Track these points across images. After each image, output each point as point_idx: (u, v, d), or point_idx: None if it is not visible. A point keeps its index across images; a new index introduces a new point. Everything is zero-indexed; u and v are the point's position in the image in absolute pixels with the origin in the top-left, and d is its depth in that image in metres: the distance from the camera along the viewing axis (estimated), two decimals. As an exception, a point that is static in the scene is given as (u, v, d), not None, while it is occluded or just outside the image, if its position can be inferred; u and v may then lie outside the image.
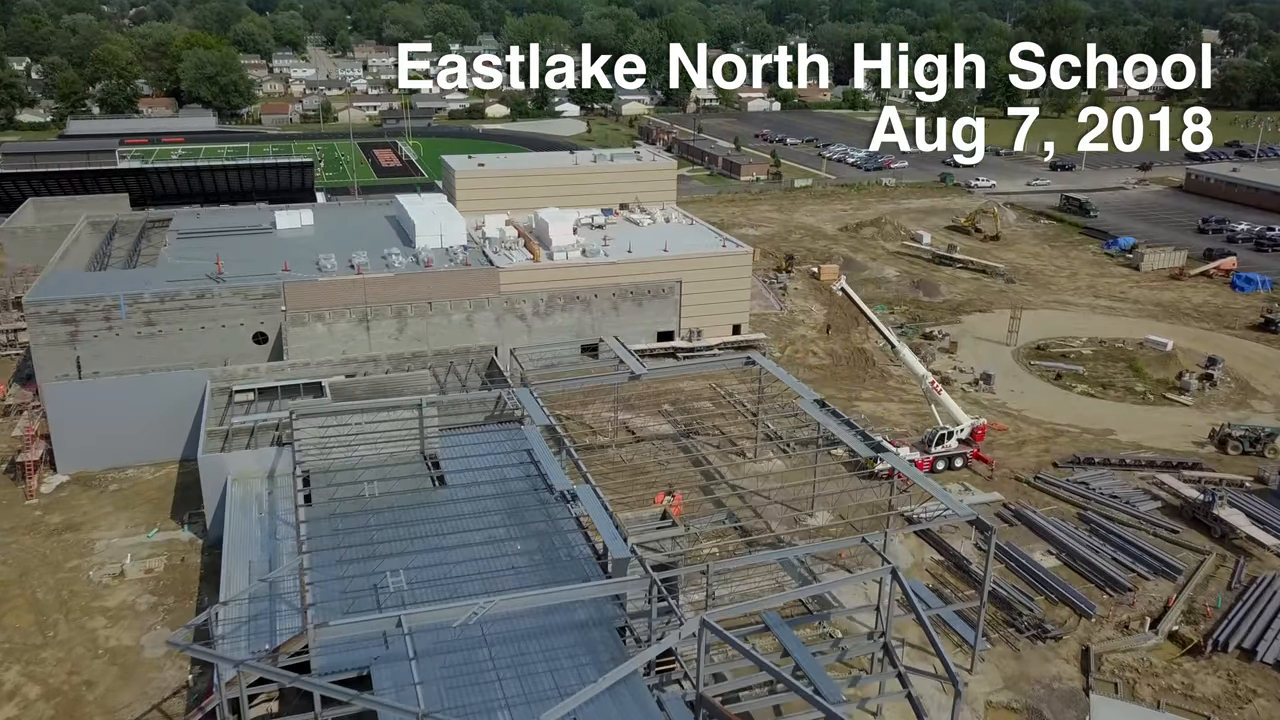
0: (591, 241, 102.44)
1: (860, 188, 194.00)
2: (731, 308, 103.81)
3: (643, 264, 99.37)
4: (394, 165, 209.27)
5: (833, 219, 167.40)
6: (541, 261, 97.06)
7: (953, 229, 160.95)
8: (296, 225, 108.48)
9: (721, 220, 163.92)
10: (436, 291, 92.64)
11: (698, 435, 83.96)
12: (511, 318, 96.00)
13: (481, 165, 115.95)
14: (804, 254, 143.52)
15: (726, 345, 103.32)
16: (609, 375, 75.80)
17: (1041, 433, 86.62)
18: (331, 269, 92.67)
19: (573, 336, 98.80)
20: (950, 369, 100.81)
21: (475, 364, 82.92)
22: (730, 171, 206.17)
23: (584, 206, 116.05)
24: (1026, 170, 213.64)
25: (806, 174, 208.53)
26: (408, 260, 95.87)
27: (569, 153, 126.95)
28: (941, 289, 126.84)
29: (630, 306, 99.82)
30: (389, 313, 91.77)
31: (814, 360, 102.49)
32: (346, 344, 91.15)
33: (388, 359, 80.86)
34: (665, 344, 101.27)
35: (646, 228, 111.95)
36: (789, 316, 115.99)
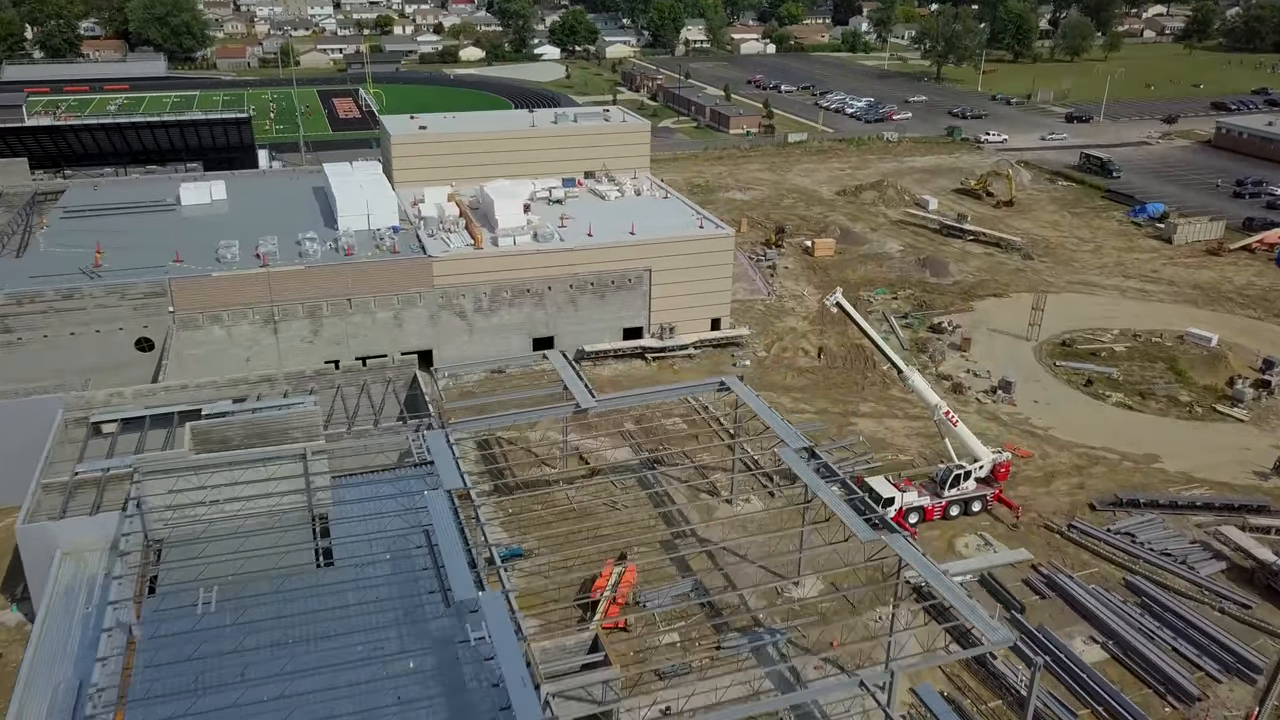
0: (545, 222, 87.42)
1: (860, 143, 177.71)
2: (710, 299, 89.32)
3: (605, 250, 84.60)
4: (353, 117, 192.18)
5: (829, 179, 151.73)
6: (485, 248, 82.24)
7: (962, 192, 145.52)
8: (205, 201, 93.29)
9: (707, 181, 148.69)
10: (358, 286, 78.08)
11: (664, 465, 70.17)
12: (449, 315, 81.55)
13: (423, 129, 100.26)
14: (796, 224, 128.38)
15: (704, 343, 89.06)
16: (550, 406, 61.68)
17: (1073, 459, 72.90)
18: (233, 260, 77.86)
19: (524, 336, 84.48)
20: (963, 373, 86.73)
21: (394, 383, 68.67)
22: (718, 124, 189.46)
23: (543, 176, 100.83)
24: (1040, 122, 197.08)
25: (802, 126, 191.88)
26: (324, 248, 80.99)
27: (528, 111, 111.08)
28: (951, 267, 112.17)
29: (591, 300, 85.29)
30: (300, 312, 77.37)
31: (805, 360, 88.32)
32: (250, 350, 76.93)
33: (285, 379, 66.60)
34: (632, 343, 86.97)
35: (613, 202, 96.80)
36: (778, 304, 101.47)
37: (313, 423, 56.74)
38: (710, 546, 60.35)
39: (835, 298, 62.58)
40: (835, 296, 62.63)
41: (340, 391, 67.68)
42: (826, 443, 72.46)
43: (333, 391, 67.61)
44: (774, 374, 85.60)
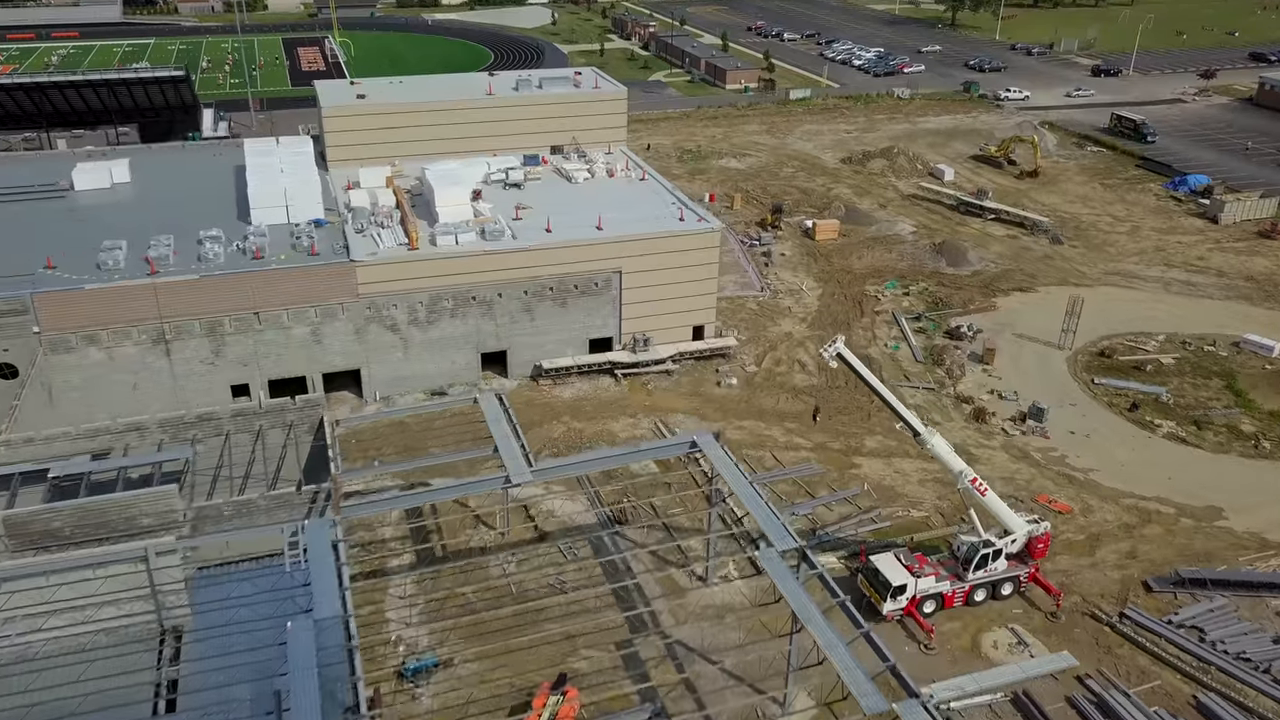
0: (497, 215, 74.11)
1: (868, 100, 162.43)
2: (692, 304, 76.40)
3: (567, 249, 71.46)
4: (317, 69, 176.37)
5: (834, 145, 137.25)
6: (421, 248, 69.12)
7: (981, 159, 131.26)
8: (103, 185, 79.83)
9: (699, 146, 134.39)
10: (265, 297, 65.25)
11: (629, 528, 57.99)
12: (378, 329, 68.81)
13: (362, 98, 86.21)
14: (796, 199, 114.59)
15: (685, 356, 76.36)
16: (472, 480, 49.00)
17: (1121, 515, 60.63)
18: (116, 265, 64.92)
19: (470, 351, 71.84)
20: (985, 393, 74.07)
21: (296, 427, 56.23)
22: (714, 78, 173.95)
23: (504, 151, 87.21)
24: (1064, 76, 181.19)
25: (805, 80, 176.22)
26: (229, 249, 67.92)
27: (488, 74, 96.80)
28: (970, 255, 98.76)
29: (550, 308, 72.41)
30: (197, 329, 64.65)
31: (802, 378, 75.57)
32: (138, 375, 64.47)
33: (159, 426, 54.16)
34: (599, 357, 74.31)
35: (581, 185, 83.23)
36: (772, 302, 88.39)
37: (168, 507, 44.54)
38: (679, 651, 48.45)
39: (835, 348, 49.68)
40: (835, 346, 49.73)
41: (229, 440, 55.30)
42: (825, 494, 60.52)
43: (220, 439, 55.26)
44: (765, 395, 73.01)
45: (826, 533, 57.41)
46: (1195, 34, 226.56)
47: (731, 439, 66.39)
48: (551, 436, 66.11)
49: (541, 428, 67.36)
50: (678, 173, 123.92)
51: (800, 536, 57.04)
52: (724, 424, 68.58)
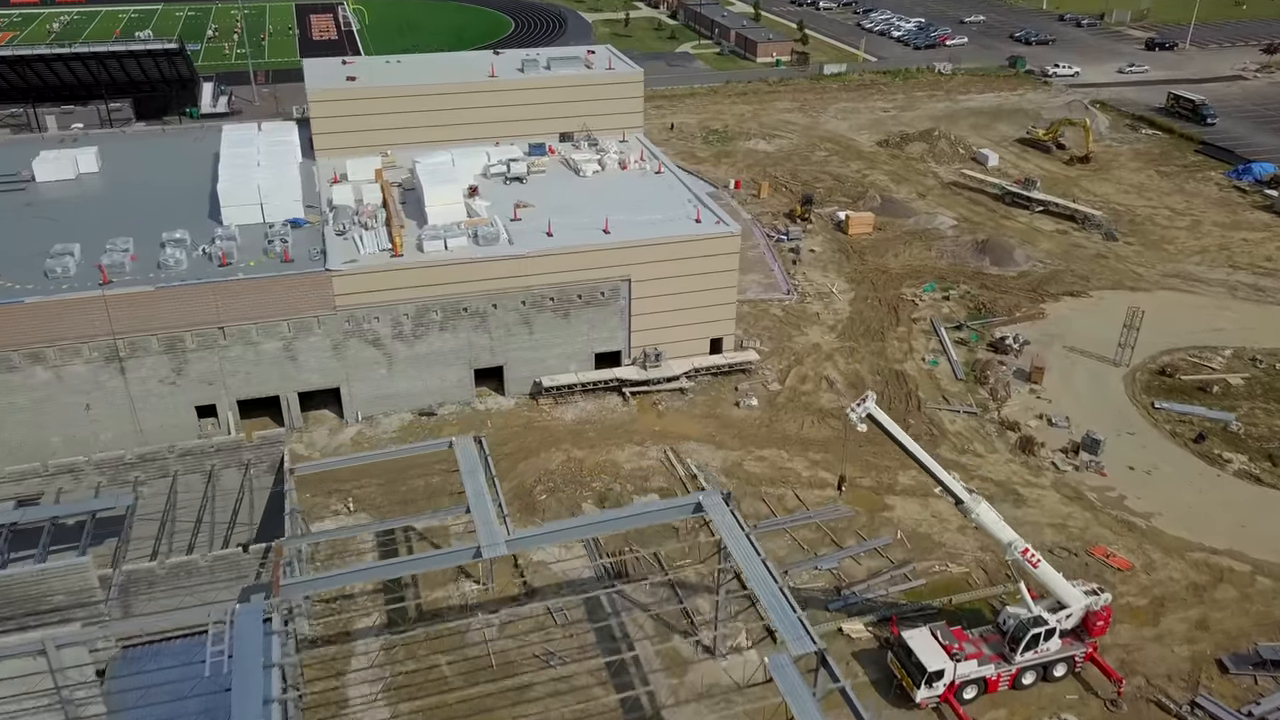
0: (493, 216, 67.08)
1: (908, 75, 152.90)
2: (709, 315, 69.24)
3: (570, 256, 64.40)
4: (329, 38, 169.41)
5: (870, 125, 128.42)
6: (405, 255, 62.33)
7: (1027, 143, 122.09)
8: (68, 176, 73.67)
9: (726, 126, 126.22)
10: (230, 310, 58.90)
11: (630, 584, 51.33)
12: (359, 344, 62.34)
13: (353, 79, 79.10)
14: (828, 187, 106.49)
15: (701, 372, 69.33)
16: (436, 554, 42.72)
17: (1189, 573, 53.21)
18: (66, 272, 58.76)
19: (462, 367, 65.27)
20: (1034, 418, 66.45)
21: (254, 467, 50.01)
22: (745, 50, 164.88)
23: (508, 139, 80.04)
24: (1116, 50, 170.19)
25: (840, 54, 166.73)
26: (195, 254, 61.55)
27: (493, 53, 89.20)
28: (1016, 253, 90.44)
29: (550, 320, 65.56)
30: (155, 346, 58.46)
31: (829, 398, 68.25)
32: (90, 396, 58.59)
33: (96, 466, 48.19)
34: (604, 373, 67.47)
35: (590, 179, 75.92)
36: (799, 307, 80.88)
37: (83, 583, 38.45)
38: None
39: (865, 407, 42.38)
40: (865, 406, 42.42)
41: (176, 482, 49.24)
42: (853, 544, 53.57)
43: (167, 481, 49.20)
44: (788, 418, 65.87)
45: (853, 593, 50.54)
46: (1257, 3, 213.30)
47: (750, 472, 59.79)
48: (548, 468, 59.54)
49: (538, 457, 60.81)
50: (702, 155, 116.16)
51: (824, 595, 50.78)
52: (742, 453, 61.75)
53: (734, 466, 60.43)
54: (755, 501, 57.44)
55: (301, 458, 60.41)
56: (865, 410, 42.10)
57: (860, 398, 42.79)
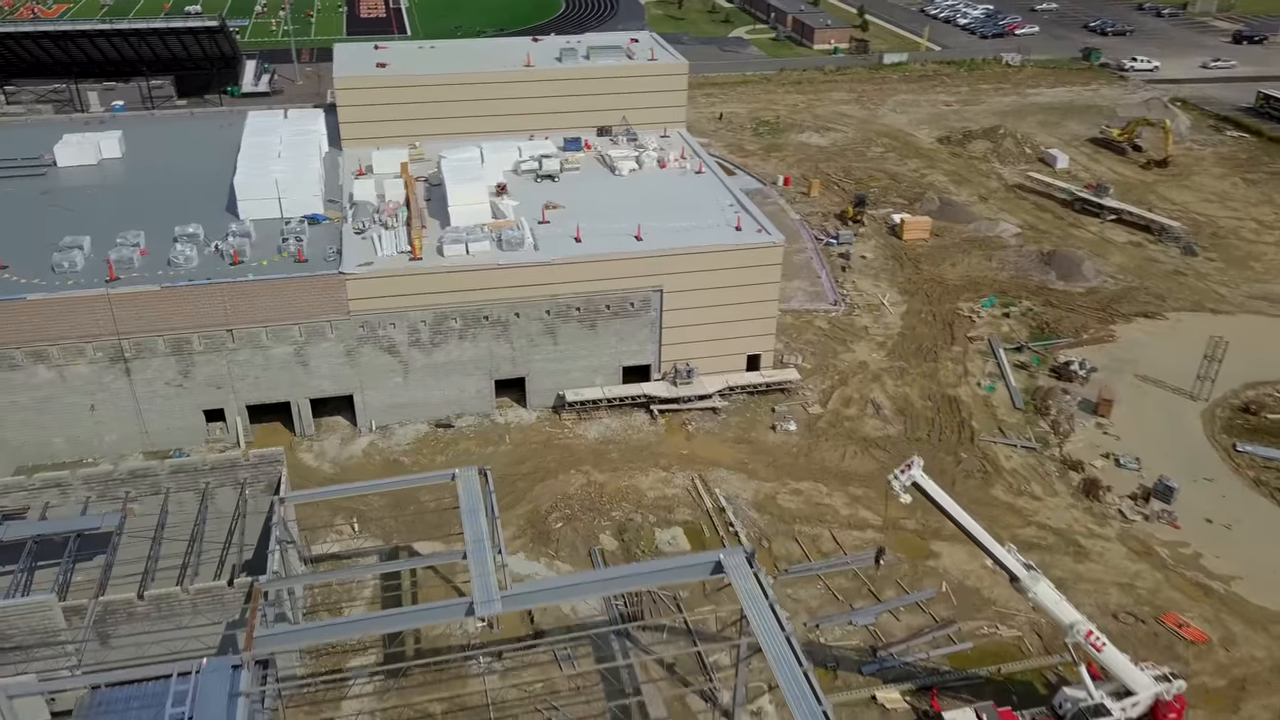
0: (519, 218, 62.92)
1: (973, 66, 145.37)
2: (747, 329, 64.53)
3: (598, 264, 60.08)
4: (376, 16, 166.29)
5: (931, 119, 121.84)
6: (426, 258, 58.51)
7: (1100, 143, 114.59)
8: (90, 161, 71.10)
9: (778, 117, 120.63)
10: (239, 312, 55.67)
11: (646, 627, 47.21)
12: (374, 351, 58.82)
13: (383, 66, 75.33)
14: (884, 186, 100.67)
15: (736, 390, 64.74)
16: (421, 608, 38.86)
17: (1275, 650, 47.55)
18: (74, 267, 55.98)
19: (482, 377, 61.48)
20: (1099, 458, 60.76)
21: (249, 486, 46.73)
22: (802, 36, 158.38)
23: (542, 132, 75.82)
24: (1200, 42, 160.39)
25: (902, 43, 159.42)
26: (206, 251, 58.41)
27: (532, 39, 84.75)
28: (1085, 267, 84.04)
29: (576, 331, 61.42)
30: (161, 347, 55.49)
31: (874, 426, 63.20)
32: (95, 397, 55.88)
33: (85, 482, 45.22)
34: (633, 388, 63.20)
35: (626, 177, 71.43)
36: (847, 320, 75.70)
37: (47, 625, 35.44)
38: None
39: (911, 474, 37.52)
40: (911, 473, 37.55)
41: (169, 500, 46.13)
42: (893, 596, 48.88)
43: (159, 499, 46.13)
44: (829, 446, 61.03)
45: (890, 655, 45.85)
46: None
47: (784, 507, 55.20)
48: (565, 493, 55.54)
49: (556, 479, 56.86)
50: (751, 149, 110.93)
51: (857, 655, 46.21)
52: (776, 485, 57.16)
53: (766, 500, 55.88)
54: (787, 541, 52.89)
55: (309, 471, 57.46)
56: (910, 478, 37.32)
57: (905, 463, 37.99)
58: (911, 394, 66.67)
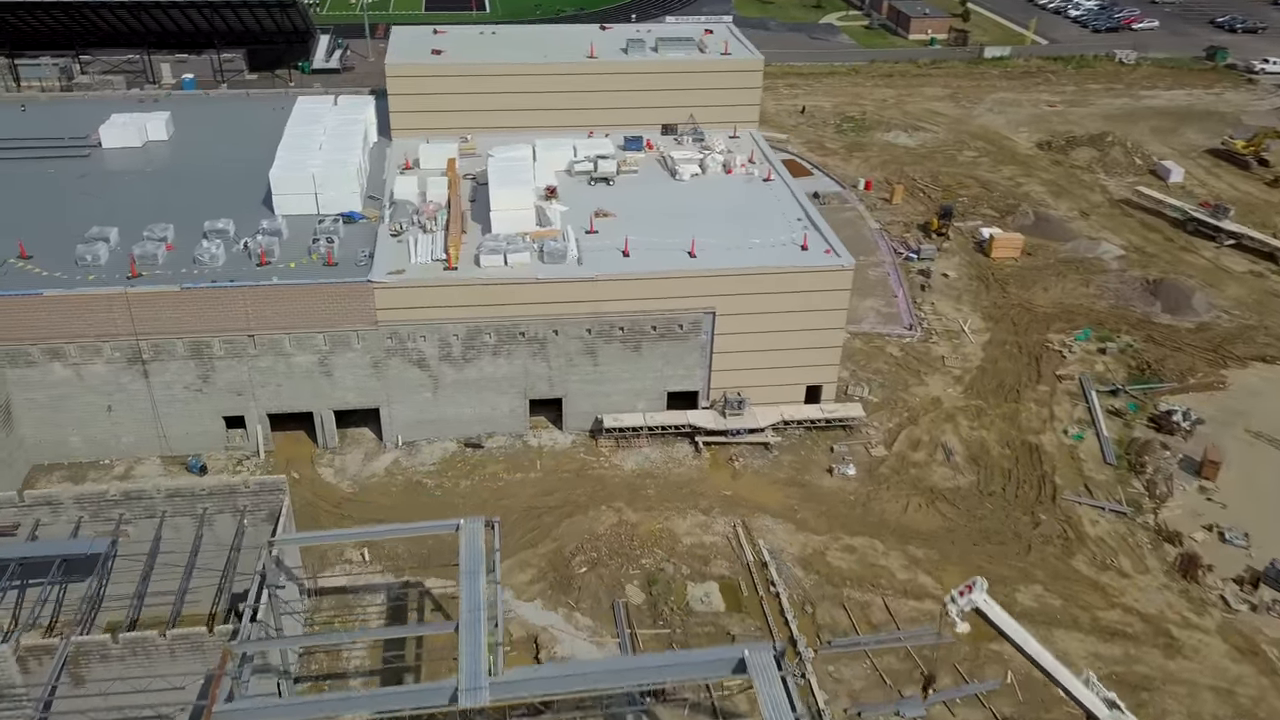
0: (566, 226, 58.21)
1: (1081, 63, 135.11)
2: (807, 358, 58.88)
3: (646, 282, 55.08)
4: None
5: (1031, 121, 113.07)
6: (462, 268, 54.34)
7: (1221, 155, 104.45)
8: (134, 143, 68.83)
9: (864, 113, 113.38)
10: (261, 317, 52.40)
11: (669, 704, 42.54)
12: (402, 364, 55.07)
13: (437, 54, 71.21)
14: (974, 195, 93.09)
15: (792, 424, 59.25)
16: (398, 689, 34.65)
17: (1400, 786, 40.65)
18: (96, 261, 53.44)
19: (516, 396, 57.28)
20: (1200, 528, 53.55)
21: (250, 513, 43.41)
22: (896, 25, 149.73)
23: (602, 128, 70.98)
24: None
25: (1006, 34, 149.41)
26: (232, 250, 55.26)
27: (599, 28, 79.63)
28: (1195, 298, 75.74)
29: (619, 351, 56.68)
30: (180, 350, 52.63)
31: (943, 475, 57.01)
32: (112, 398, 53.56)
33: (76, 500, 42.41)
34: (678, 415, 58.24)
35: (687, 183, 66.12)
36: (922, 347, 69.28)
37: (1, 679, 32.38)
38: None
39: (971, 599, 31.80)
40: (973, 596, 31.85)
41: (164, 525, 43.10)
42: (948, 686, 43.17)
43: (154, 522, 43.14)
44: (890, 496, 55.15)
45: (941, 758, 40.35)
46: None
47: (833, 566, 49.80)
48: (594, 532, 51.04)
49: (585, 515, 52.39)
50: (832, 147, 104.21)
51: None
52: (827, 538, 51.70)
53: (814, 556, 50.48)
54: (834, 608, 47.50)
55: (327, 488, 54.18)
56: (971, 602, 31.62)
57: (966, 583, 32.32)
58: (988, 439, 60.19)
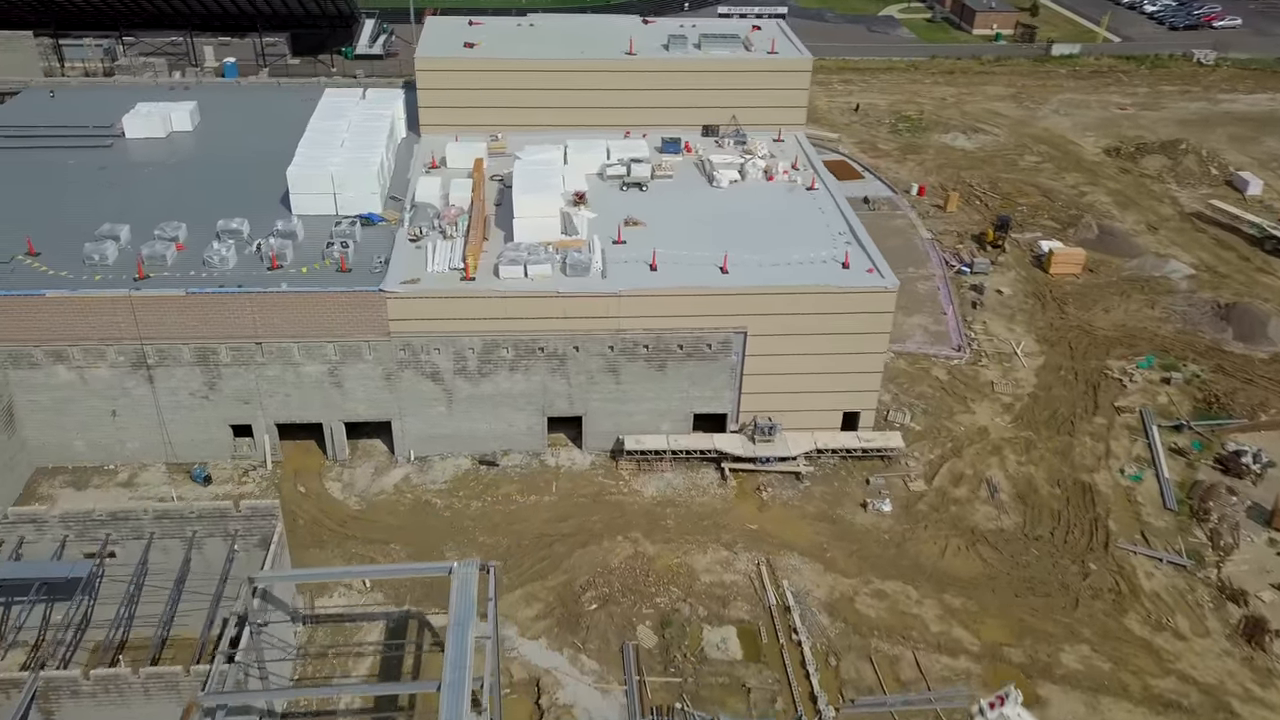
0: (592, 236, 55.12)
1: (1156, 63, 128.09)
2: (845, 383, 55.21)
3: (672, 299, 51.85)
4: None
5: (1099, 125, 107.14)
6: (480, 279, 51.59)
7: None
8: (157, 134, 67.17)
9: (921, 112, 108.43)
10: (268, 325, 50.25)
11: (669, 758, 39.77)
12: (415, 376, 52.60)
13: (470, 46, 68.33)
14: (1033, 205, 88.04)
15: (826, 452, 55.67)
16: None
17: None
18: (104, 260, 51.69)
19: (533, 413, 54.53)
20: (1268, 588, 49.01)
21: (241, 538, 41.24)
22: (961, 18, 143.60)
23: (640, 128, 67.75)
24: None
25: (1076, 31, 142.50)
26: (243, 252, 53.12)
27: (643, 22, 76.13)
28: (1270, 326, 70.23)
29: (642, 370, 53.59)
30: (186, 356, 50.71)
31: (986, 514, 53.07)
32: (117, 403, 51.87)
33: (61, 519, 40.60)
34: (703, 439, 55.01)
35: (725, 190, 62.60)
36: (970, 371, 65.10)
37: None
38: None
39: (1004, 714, 28.20)
40: (1005, 710, 28.23)
41: (151, 547, 41.13)
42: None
43: (142, 544, 41.18)
44: (928, 537, 51.37)
45: (969, 842, 36.81)
46: None
47: (861, 614, 46.44)
48: (608, 565, 48.15)
49: (600, 545, 49.50)
50: (886, 148, 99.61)
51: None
52: (857, 582, 48.23)
53: (842, 601, 47.05)
54: (860, 662, 44.09)
55: (333, 505, 52.01)
56: (1002, 717, 28.05)
57: (998, 693, 28.74)
58: (1037, 475, 56.03)
